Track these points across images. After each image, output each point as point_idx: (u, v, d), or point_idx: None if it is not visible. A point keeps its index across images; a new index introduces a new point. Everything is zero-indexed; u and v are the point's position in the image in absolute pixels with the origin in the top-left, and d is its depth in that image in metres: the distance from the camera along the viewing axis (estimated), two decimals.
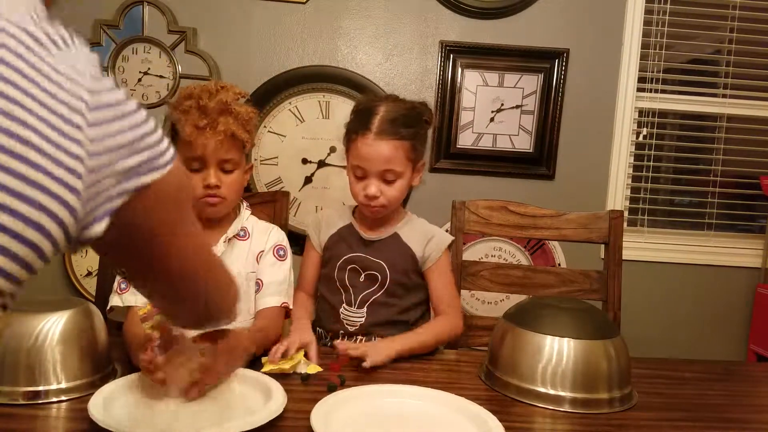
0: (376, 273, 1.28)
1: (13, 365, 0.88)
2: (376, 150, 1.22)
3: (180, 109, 1.21)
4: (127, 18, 2.12)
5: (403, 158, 1.24)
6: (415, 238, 1.30)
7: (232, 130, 1.20)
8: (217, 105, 1.20)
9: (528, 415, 0.96)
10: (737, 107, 2.30)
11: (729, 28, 2.27)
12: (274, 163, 2.19)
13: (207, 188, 1.23)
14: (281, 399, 0.87)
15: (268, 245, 1.31)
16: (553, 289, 1.48)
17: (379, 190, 1.23)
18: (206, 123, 1.19)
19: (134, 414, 0.84)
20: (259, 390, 0.93)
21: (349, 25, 2.20)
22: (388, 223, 1.32)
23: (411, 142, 1.25)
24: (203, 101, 1.19)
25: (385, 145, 1.22)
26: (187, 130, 1.19)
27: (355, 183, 1.26)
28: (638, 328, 2.21)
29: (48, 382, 0.89)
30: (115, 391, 0.88)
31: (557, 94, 2.20)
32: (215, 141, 1.19)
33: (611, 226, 1.48)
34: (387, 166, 1.22)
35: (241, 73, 2.17)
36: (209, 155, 1.22)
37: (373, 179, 1.23)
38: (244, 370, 0.98)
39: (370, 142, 1.22)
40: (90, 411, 0.80)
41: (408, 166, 1.26)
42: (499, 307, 2.23)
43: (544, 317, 1.05)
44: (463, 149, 2.23)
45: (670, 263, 2.30)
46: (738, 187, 2.36)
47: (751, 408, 1.08)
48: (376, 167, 1.22)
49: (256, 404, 0.88)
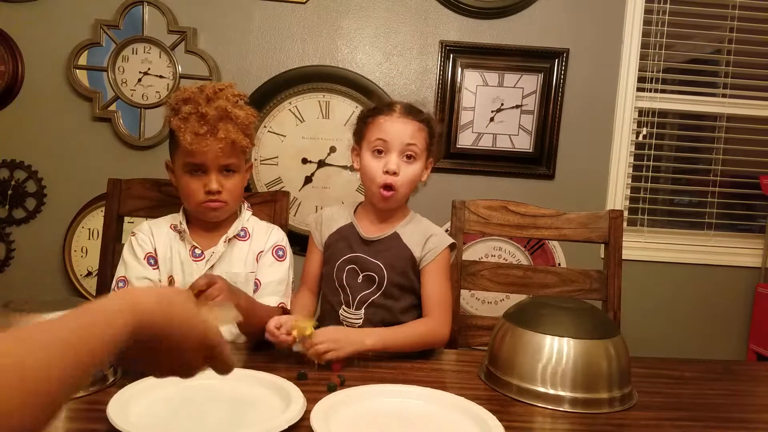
0: (374, 274, 1.27)
1: None
2: (402, 124, 1.25)
3: (179, 117, 1.20)
4: (127, 18, 2.12)
5: (423, 140, 1.26)
6: (415, 238, 1.29)
7: (232, 138, 1.19)
8: (216, 111, 1.19)
9: (528, 415, 0.96)
10: (737, 107, 2.30)
11: (729, 28, 2.27)
12: (274, 163, 2.19)
13: (208, 194, 1.22)
14: (300, 404, 0.86)
15: (267, 245, 1.31)
16: (553, 289, 1.48)
17: (399, 167, 1.23)
18: (206, 130, 1.18)
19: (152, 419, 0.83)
20: (277, 394, 0.92)
21: (349, 25, 2.20)
22: (389, 221, 1.31)
23: (429, 130, 1.28)
24: (202, 108, 1.18)
25: (411, 123, 1.25)
26: (188, 138, 1.18)
27: (374, 160, 1.25)
28: (638, 328, 2.21)
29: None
30: (134, 395, 0.87)
31: (557, 93, 2.20)
32: (216, 148, 1.18)
33: (611, 226, 1.48)
34: (410, 140, 1.24)
35: (241, 73, 2.17)
36: (210, 162, 1.21)
37: (394, 154, 1.24)
38: (262, 374, 0.98)
39: (396, 118, 1.26)
40: (108, 414, 0.79)
41: (424, 153, 1.27)
42: (499, 306, 2.24)
43: (544, 317, 1.05)
44: (463, 149, 2.23)
45: (670, 263, 2.30)
46: (738, 186, 2.36)
47: (751, 407, 1.08)
48: (400, 140, 1.23)
49: (274, 409, 0.87)
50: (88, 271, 2.18)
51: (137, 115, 2.16)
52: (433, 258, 1.28)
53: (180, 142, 1.19)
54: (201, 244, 1.29)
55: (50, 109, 2.17)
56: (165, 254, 1.29)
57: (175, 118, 1.20)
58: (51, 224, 2.19)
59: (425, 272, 1.28)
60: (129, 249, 1.30)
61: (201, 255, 1.28)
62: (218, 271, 1.27)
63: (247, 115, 1.23)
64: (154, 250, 1.30)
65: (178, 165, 1.25)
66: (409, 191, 1.29)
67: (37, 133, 2.17)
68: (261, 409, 0.89)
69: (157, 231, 1.32)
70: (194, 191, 1.24)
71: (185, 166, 1.24)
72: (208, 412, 0.88)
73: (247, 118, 1.23)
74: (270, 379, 0.96)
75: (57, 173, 2.19)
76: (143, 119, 2.16)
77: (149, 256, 1.29)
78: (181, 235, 1.30)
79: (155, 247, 1.30)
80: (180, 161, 1.25)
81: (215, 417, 0.87)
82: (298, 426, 0.83)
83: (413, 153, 1.24)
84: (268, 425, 0.80)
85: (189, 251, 1.29)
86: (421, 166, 1.27)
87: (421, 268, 1.29)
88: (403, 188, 1.25)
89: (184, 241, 1.30)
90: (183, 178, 1.25)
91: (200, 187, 1.23)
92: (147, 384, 0.91)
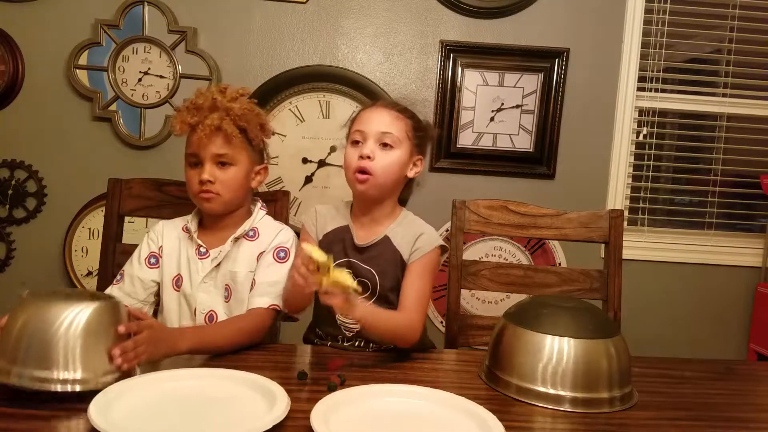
0: (367, 281, 1.25)
1: (33, 347, 0.87)
2: (377, 113, 1.25)
3: (175, 108, 1.27)
4: (128, 18, 2.13)
5: (402, 129, 1.25)
6: (406, 239, 1.27)
7: (217, 124, 1.23)
8: (208, 103, 1.25)
9: (528, 415, 0.96)
10: (737, 106, 2.30)
11: (729, 28, 2.27)
12: (275, 162, 2.19)
13: (200, 183, 1.26)
14: (285, 403, 0.86)
15: (270, 246, 1.31)
16: (554, 289, 1.48)
17: (373, 152, 1.22)
18: (197, 120, 1.24)
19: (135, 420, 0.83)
20: (260, 393, 0.92)
21: (349, 25, 2.20)
22: (381, 222, 1.29)
23: (412, 122, 1.27)
24: (196, 100, 1.25)
25: (387, 112, 1.25)
26: (177, 126, 1.25)
27: (352, 149, 1.26)
28: (638, 328, 2.21)
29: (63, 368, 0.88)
30: (115, 396, 0.87)
31: (557, 93, 2.20)
32: (203, 136, 1.23)
33: (611, 226, 1.48)
34: (386, 129, 1.23)
35: (241, 73, 2.17)
36: (201, 151, 1.25)
37: (369, 141, 1.23)
38: (247, 374, 0.97)
39: (374, 110, 1.26)
40: (90, 415, 0.79)
41: (406, 143, 1.25)
42: (499, 306, 2.24)
43: (545, 316, 1.05)
44: (463, 149, 2.23)
45: (670, 262, 2.30)
46: (738, 186, 2.36)
47: (751, 407, 1.08)
48: (375, 128, 1.23)
49: (259, 409, 0.87)
50: (89, 270, 2.18)
51: (137, 114, 2.16)
52: (420, 257, 1.24)
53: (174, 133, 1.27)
54: (209, 242, 1.31)
55: (50, 109, 2.17)
56: (172, 253, 1.33)
57: (173, 110, 1.28)
58: (51, 224, 2.20)
59: (409, 269, 1.25)
60: (139, 247, 1.36)
61: (206, 253, 1.30)
62: (223, 269, 1.30)
63: (241, 107, 1.26)
64: (160, 248, 1.33)
65: (185, 160, 1.31)
66: (389, 180, 1.24)
67: (37, 133, 2.17)
68: (245, 409, 0.88)
69: (168, 230, 1.36)
70: (191, 182, 1.28)
71: (186, 159, 1.30)
72: (191, 413, 0.87)
73: (240, 109, 1.25)
74: (255, 380, 0.95)
75: (57, 173, 2.19)
76: (143, 119, 2.16)
77: (152, 255, 1.33)
78: (189, 234, 1.32)
79: (161, 245, 1.33)
80: (185, 156, 1.31)
81: (199, 418, 0.86)
82: (296, 426, 0.83)
83: (390, 141, 1.23)
84: (253, 425, 0.80)
85: (195, 250, 1.31)
86: (402, 155, 1.24)
87: (407, 265, 1.26)
88: (381, 175, 1.22)
89: (192, 240, 1.32)
90: (186, 171, 1.30)
91: (196, 177, 1.27)
92: (129, 384, 0.91)
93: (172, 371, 0.97)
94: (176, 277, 1.31)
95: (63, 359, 0.88)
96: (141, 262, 1.32)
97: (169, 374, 0.96)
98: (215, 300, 1.29)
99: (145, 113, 2.16)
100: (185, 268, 1.31)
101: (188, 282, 1.30)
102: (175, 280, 1.31)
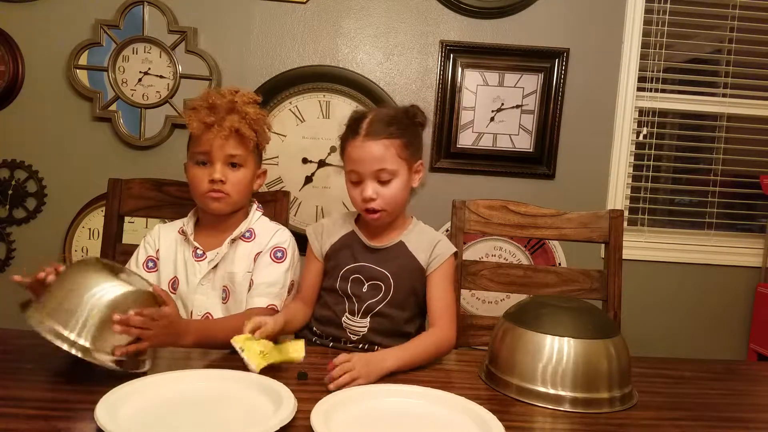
0: (380, 283, 1.25)
1: (64, 304, 0.94)
2: (366, 150, 1.21)
3: (190, 107, 1.26)
4: (128, 18, 2.13)
5: (394, 156, 1.22)
6: (422, 246, 1.28)
7: (236, 126, 1.24)
8: (226, 104, 1.25)
9: (528, 415, 0.96)
10: (737, 106, 2.30)
11: (729, 28, 2.27)
12: (275, 162, 2.19)
13: (212, 183, 1.26)
14: (291, 405, 0.85)
15: (267, 246, 1.31)
16: (554, 289, 1.48)
17: (375, 192, 1.22)
18: (213, 120, 1.24)
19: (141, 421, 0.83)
20: (266, 395, 0.92)
21: (349, 25, 2.20)
22: (393, 231, 1.30)
23: (401, 140, 1.23)
24: (212, 100, 1.25)
25: (374, 144, 1.21)
26: (194, 125, 1.24)
27: (353, 189, 1.26)
28: (638, 328, 2.22)
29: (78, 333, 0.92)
30: (123, 397, 0.87)
31: (557, 93, 2.20)
32: (221, 137, 1.23)
33: (611, 226, 1.48)
34: (379, 166, 1.21)
35: (241, 73, 2.17)
36: (215, 151, 1.25)
37: (368, 181, 1.22)
38: (253, 375, 0.97)
39: (360, 144, 1.22)
40: (97, 416, 0.79)
41: (402, 164, 1.24)
42: (499, 306, 2.24)
43: (545, 316, 1.05)
44: (463, 149, 2.23)
45: (670, 263, 2.30)
46: (738, 186, 2.36)
47: (751, 407, 1.08)
48: (368, 168, 1.21)
49: (266, 411, 0.86)
50: None
51: (137, 115, 2.16)
52: (440, 264, 1.27)
53: (189, 132, 1.26)
54: (206, 244, 1.31)
55: (50, 109, 2.17)
56: (168, 256, 1.33)
57: (187, 109, 1.28)
58: (51, 224, 2.20)
59: (432, 278, 1.27)
60: (137, 251, 1.36)
61: (203, 255, 1.30)
62: (220, 271, 1.30)
63: (256, 112, 1.28)
64: (157, 251, 1.34)
65: (189, 159, 1.31)
66: (398, 206, 1.26)
67: (37, 133, 2.17)
68: (252, 410, 0.88)
69: (165, 233, 1.36)
70: (199, 181, 1.27)
71: (193, 157, 1.29)
72: (197, 415, 0.87)
73: (255, 114, 1.28)
74: (261, 381, 0.95)
75: (57, 173, 2.19)
76: (143, 119, 2.16)
77: (149, 258, 1.33)
78: (186, 237, 1.32)
79: (158, 248, 1.34)
80: (190, 154, 1.31)
81: (205, 420, 0.86)
82: (296, 426, 0.83)
83: (387, 176, 1.22)
84: (261, 427, 0.79)
85: (191, 252, 1.31)
86: (403, 179, 1.24)
87: (427, 275, 1.28)
88: (389, 206, 1.24)
89: (188, 243, 1.32)
90: (191, 170, 1.29)
91: (205, 176, 1.26)
92: (136, 385, 0.91)
93: (179, 372, 0.97)
94: (172, 280, 1.31)
95: (81, 325, 0.93)
96: (139, 266, 1.32)
97: (176, 375, 0.96)
98: (212, 302, 1.29)
99: (145, 113, 2.16)
100: (182, 270, 1.31)
101: (185, 284, 1.30)
102: (171, 283, 1.31)
